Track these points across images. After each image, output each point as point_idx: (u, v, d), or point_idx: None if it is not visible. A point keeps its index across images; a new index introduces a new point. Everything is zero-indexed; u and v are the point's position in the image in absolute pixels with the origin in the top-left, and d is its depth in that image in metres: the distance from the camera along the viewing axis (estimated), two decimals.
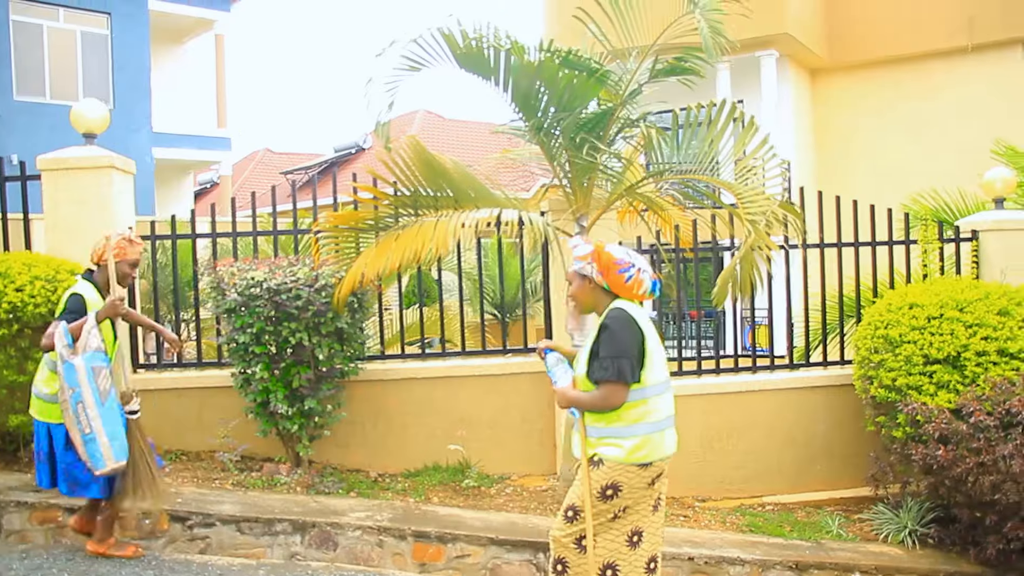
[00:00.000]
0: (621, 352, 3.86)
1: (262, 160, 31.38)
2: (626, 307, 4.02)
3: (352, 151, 26.38)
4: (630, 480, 3.92)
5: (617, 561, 4.03)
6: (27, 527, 5.59)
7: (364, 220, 6.20)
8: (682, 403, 7.27)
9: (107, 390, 4.76)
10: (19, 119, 18.54)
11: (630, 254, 4.16)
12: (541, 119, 5.98)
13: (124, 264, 5.07)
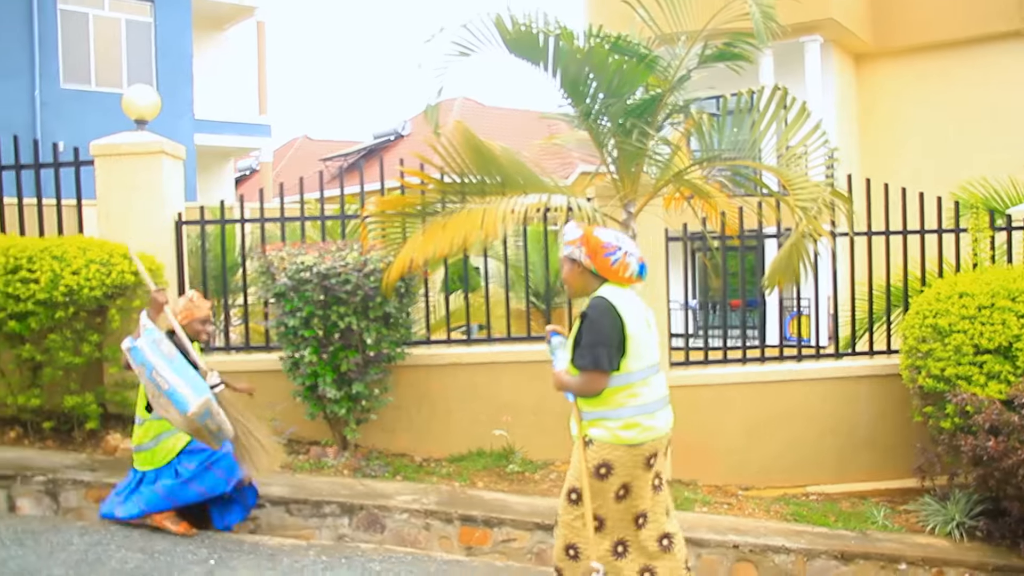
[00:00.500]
0: (598, 341, 3.92)
1: (301, 147, 31.59)
2: (608, 294, 4.05)
3: (391, 138, 26.46)
4: (621, 458, 3.97)
5: (627, 538, 4.12)
6: (83, 504, 5.71)
7: (411, 205, 6.23)
8: (726, 392, 7.37)
9: (173, 354, 4.99)
10: (66, 106, 18.82)
11: (619, 237, 4.21)
12: (589, 105, 5.98)
13: (195, 323, 5.37)
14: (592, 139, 6.30)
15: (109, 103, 18.49)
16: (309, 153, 29.77)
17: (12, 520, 5.24)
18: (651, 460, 4.06)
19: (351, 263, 6.18)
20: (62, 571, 4.44)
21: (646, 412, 4.03)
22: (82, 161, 7.38)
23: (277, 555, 4.85)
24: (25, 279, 6.04)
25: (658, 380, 4.16)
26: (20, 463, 5.94)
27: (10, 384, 6.46)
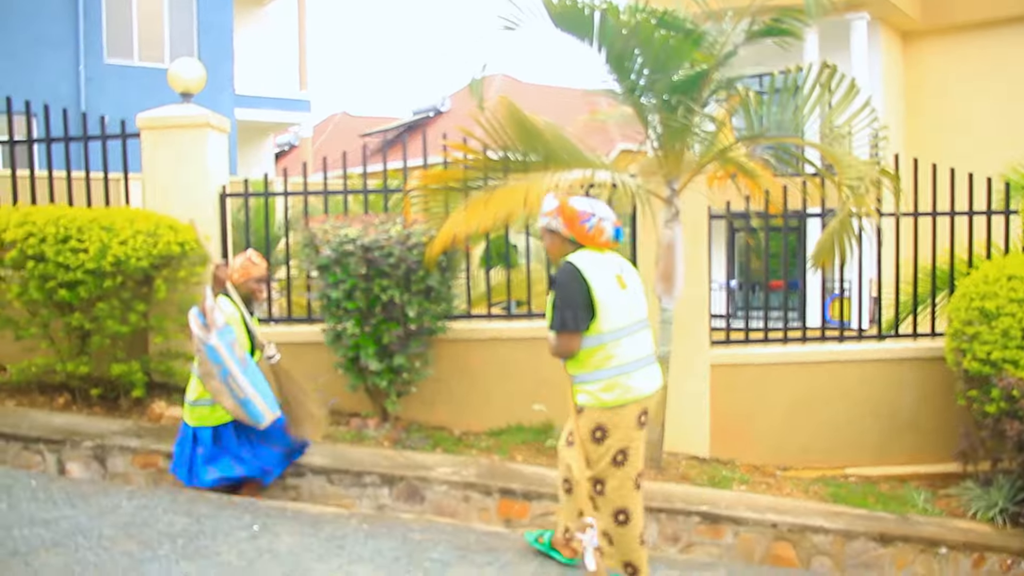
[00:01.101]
0: (565, 303, 4.07)
1: (340, 123, 31.67)
2: (575, 259, 4.17)
3: (430, 114, 26.45)
4: (612, 420, 4.10)
5: (628, 506, 4.21)
6: (130, 470, 5.83)
7: (454, 180, 6.24)
8: (766, 371, 7.34)
9: (244, 358, 5.17)
10: (109, 81, 19.03)
11: (592, 204, 4.33)
12: (634, 80, 5.93)
13: (251, 281, 5.45)
14: (636, 115, 6.26)
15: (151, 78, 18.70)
16: (348, 129, 29.84)
17: (63, 482, 5.36)
18: (641, 418, 4.18)
19: (394, 236, 6.21)
20: (112, 531, 4.54)
21: (624, 372, 4.13)
22: (129, 134, 7.48)
23: (319, 522, 4.92)
24: (75, 249, 6.14)
25: (636, 340, 4.23)
26: (69, 428, 6.07)
27: (60, 351, 6.59)
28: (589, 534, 4.02)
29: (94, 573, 4.03)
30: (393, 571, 4.34)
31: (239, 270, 5.44)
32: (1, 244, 6.21)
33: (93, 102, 18.00)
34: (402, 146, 7.59)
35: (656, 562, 4.92)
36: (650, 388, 4.24)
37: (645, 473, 4.47)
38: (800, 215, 7.76)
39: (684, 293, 6.45)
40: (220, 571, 4.16)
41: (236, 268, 5.46)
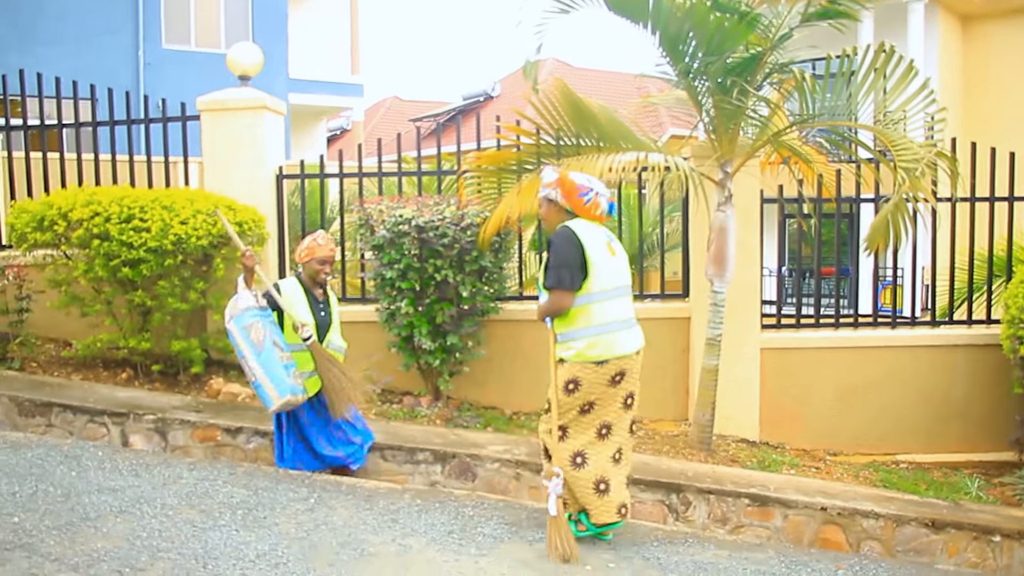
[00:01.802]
0: (561, 263, 4.36)
1: (391, 107, 31.84)
2: (573, 225, 4.47)
3: (480, 99, 26.48)
4: (588, 376, 4.39)
5: (586, 450, 4.52)
6: (190, 443, 6.00)
7: (507, 161, 6.29)
8: (817, 356, 7.32)
9: (260, 340, 5.23)
10: (167, 66, 19.36)
11: (590, 180, 4.63)
12: (688, 63, 5.93)
13: (314, 262, 5.51)
14: (689, 98, 6.27)
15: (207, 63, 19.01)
16: (399, 113, 30.00)
17: (127, 453, 5.53)
18: (616, 378, 4.45)
19: (448, 217, 6.29)
20: (174, 501, 4.69)
21: (608, 331, 4.42)
22: (188, 116, 7.66)
23: (373, 497, 5.02)
24: (137, 228, 6.31)
25: (620, 303, 4.53)
26: (132, 402, 6.25)
27: (122, 328, 6.78)
28: (554, 482, 4.40)
29: (159, 539, 4.17)
30: (446, 545, 4.43)
31: (304, 250, 5.54)
32: (68, 223, 6.39)
33: (151, 87, 18.32)
34: (456, 128, 7.65)
35: (705, 542, 4.96)
36: (630, 348, 4.52)
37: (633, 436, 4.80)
38: (854, 200, 7.69)
39: (735, 276, 6.46)
40: (278, 540, 4.28)
41: (303, 248, 5.57)
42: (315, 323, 5.45)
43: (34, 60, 8.96)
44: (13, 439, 5.53)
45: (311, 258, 5.49)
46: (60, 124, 7.99)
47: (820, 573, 4.67)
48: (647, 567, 4.47)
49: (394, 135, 8.16)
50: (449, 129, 22.09)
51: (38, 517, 4.31)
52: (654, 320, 7.23)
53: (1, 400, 6.18)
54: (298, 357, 5.37)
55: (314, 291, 5.57)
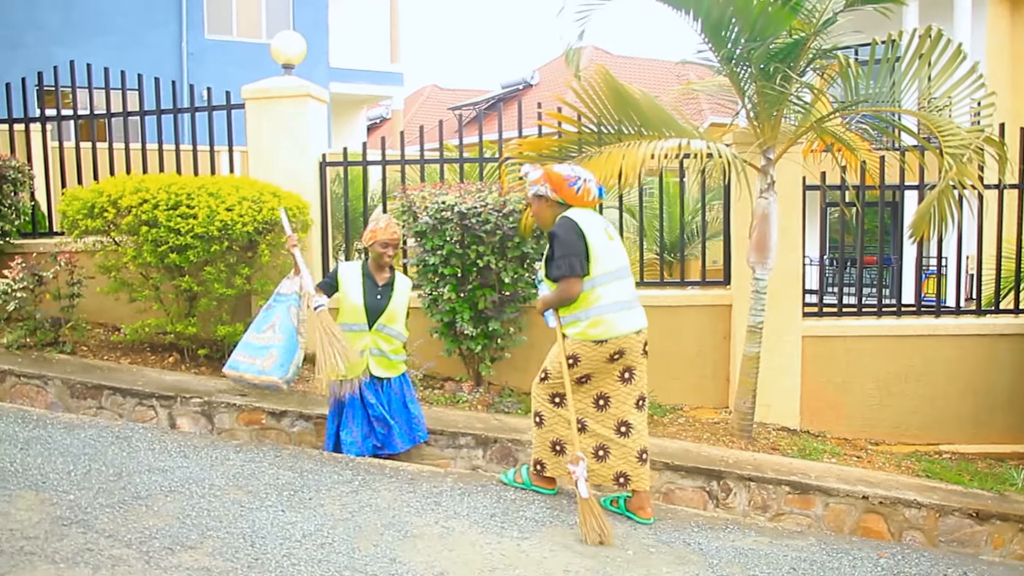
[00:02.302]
0: (568, 252, 4.53)
1: (430, 96, 31.92)
2: (572, 214, 4.66)
3: (520, 87, 26.50)
4: (587, 353, 4.62)
5: (585, 418, 4.78)
6: (235, 426, 6.10)
7: (549, 148, 6.31)
8: (859, 344, 7.28)
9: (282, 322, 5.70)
10: (209, 56, 19.61)
11: (574, 169, 4.84)
12: (731, 49, 5.91)
13: (377, 245, 5.57)
14: (732, 84, 6.24)
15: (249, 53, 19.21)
16: (438, 102, 30.07)
17: (175, 435, 5.64)
18: (615, 356, 4.65)
19: (491, 203, 6.32)
20: (222, 481, 4.78)
21: (610, 311, 4.61)
22: (233, 105, 7.76)
23: (416, 480, 5.09)
24: (184, 214, 6.41)
25: (622, 285, 4.72)
26: (179, 386, 6.37)
27: (169, 313, 6.90)
28: (580, 466, 4.54)
29: (207, 518, 4.26)
30: (488, 527, 4.48)
31: (368, 233, 5.60)
32: (118, 210, 6.52)
33: (194, 77, 18.60)
34: (498, 116, 7.68)
35: (746, 529, 4.97)
36: (631, 328, 4.68)
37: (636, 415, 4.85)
38: (897, 188, 7.61)
39: (777, 263, 6.43)
40: (324, 521, 4.36)
41: (366, 232, 5.63)
42: (365, 306, 5.51)
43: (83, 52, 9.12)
44: (66, 420, 5.67)
45: (373, 241, 5.55)
46: (109, 114, 8.15)
47: (862, 561, 4.66)
48: (688, 552, 4.49)
49: (433, 123, 8.22)
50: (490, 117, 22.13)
51: (92, 495, 4.42)
52: (695, 307, 7.25)
53: (54, 383, 6.33)
54: (349, 337, 5.49)
55: (377, 275, 5.62)
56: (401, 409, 5.66)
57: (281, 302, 5.72)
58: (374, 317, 5.54)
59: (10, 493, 4.35)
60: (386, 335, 5.58)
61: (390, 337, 5.61)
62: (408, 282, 5.80)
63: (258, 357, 5.66)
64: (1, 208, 7.67)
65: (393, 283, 5.65)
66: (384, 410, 5.57)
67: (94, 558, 3.73)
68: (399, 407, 5.66)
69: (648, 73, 23.96)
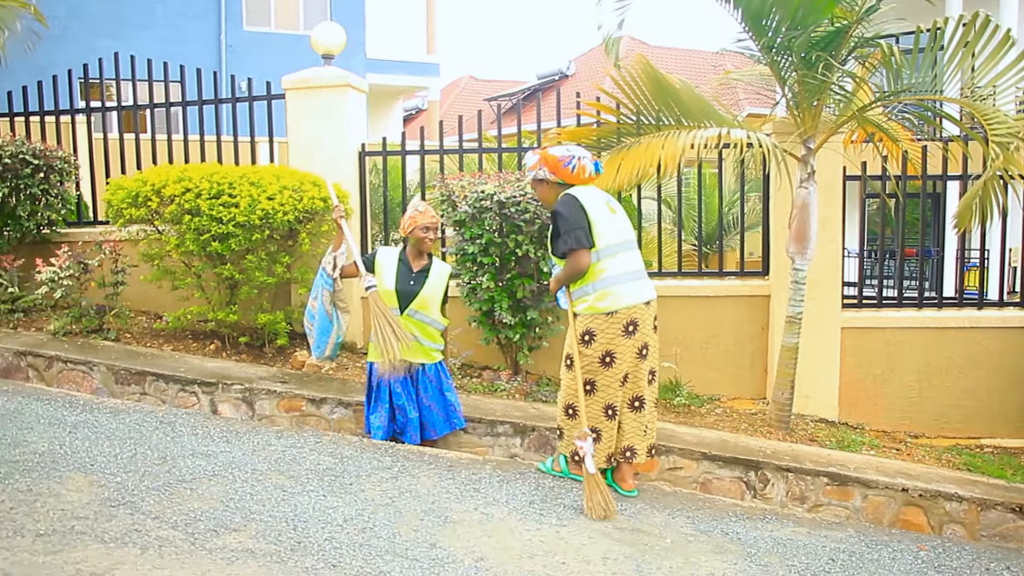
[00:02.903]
0: (572, 226, 4.67)
1: (466, 86, 31.94)
2: (572, 192, 4.82)
3: (555, 78, 26.42)
4: (600, 327, 4.74)
5: (614, 402, 4.88)
6: (276, 413, 6.17)
7: (587, 138, 6.31)
8: (899, 336, 7.23)
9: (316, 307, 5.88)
10: (247, 48, 19.80)
11: (568, 148, 4.98)
12: (772, 38, 5.87)
13: (417, 230, 5.63)
14: (772, 73, 6.20)
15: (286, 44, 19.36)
16: (474, 92, 30.07)
17: (217, 421, 5.73)
18: (629, 327, 4.77)
19: (530, 193, 6.32)
20: (264, 466, 4.85)
21: (617, 283, 4.74)
22: (273, 95, 7.84)
23: (456, 467, 5.13)
24: (227, 203, 6.49)
25: (628, 257, 4.85)
26: (220, 373, 6.46)
27: (211, 301, 7.00)
28: (588, 442, 4.67)
29: (251, 502, 4.33)
30: (527, 514, 4.51)
31: (408, 220, 5.65)
32: (161, 199, 6.61)
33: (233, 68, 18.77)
34: (536, 105, 7.68)
35: (784, 519, 4.96)
36: (640, 299, 4.81)
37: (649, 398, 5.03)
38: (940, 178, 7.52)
39: (817, 254, 6.39)
40: (364, 506, 4.41)
41: (405, 219, 5.67)
42: (396, 291, 5.57)
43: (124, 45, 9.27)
44: (112, 405, 5.77)
45: (414, 226, 5.60)
46: (152, 104, 8.26)
47: (902, 553, 4.64)
48: (727, 542, 4.50)
49: (469, 114, 8.25)
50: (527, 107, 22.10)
51: (138, 478, 4.51)
52: (733, 298, 7.23)
53: (99, 368, 6.45)
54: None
55: (413, 262, 5.67)
56: (438, 396, 5.70)
57: (323, 278, 5.84)
58: (405, 302, 5.59)
59: (60, 475, 4.44)
60: (418, 321, 5.61)
61: (422, 323, 5.64)
62: (447, 268, 5.83)
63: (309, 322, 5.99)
64: (48, 197, 7.81)
65: (429, 270, 5.69)
66: (407, 400, 5.62)
67: (142, 539, 3.81)
68: (435, 394, 5.69)
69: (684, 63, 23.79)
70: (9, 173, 7.42)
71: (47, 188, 7.79)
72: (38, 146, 7.74)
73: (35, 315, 7.45)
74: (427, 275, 5.66)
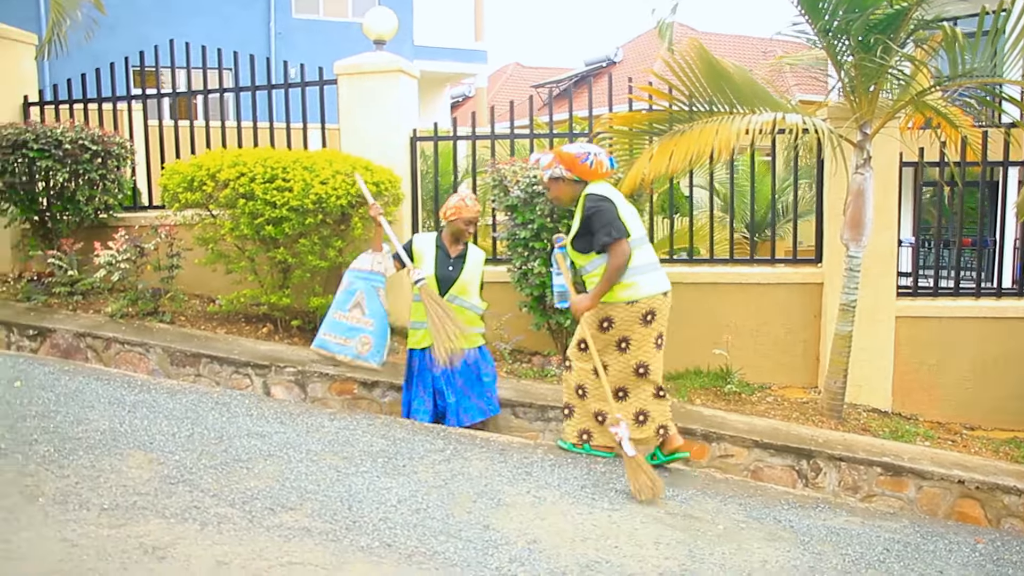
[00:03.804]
0: (609, 220, 4.76)
1: (512, 74, 31.87)
2: (597, 189, 4.90)
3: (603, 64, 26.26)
4: (620, 315, 4.86)
5: (626, 386, 5.00)
6: (328, 395, 6.25)
7: (639, 123, 6.27)
8: (955, 326, 7.11)
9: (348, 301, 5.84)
10: (296, 36, 19.94)
11: (582, 146, 5.02)
12: (829, 21, 5.79)
13: (460, 221, 5.67)
14: (828, 57, 6.11)
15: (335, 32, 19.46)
16: (521, 80, 30.00)
17: (270, 403, 5.80)
18: (647, 317, 4.87)
19: None
20: (318, 447, 4.91)
21: (639, 273, 4.84)
22: (325, 81, 7.89)
23: (507, 451, 5.14)
24: (280, 187, 6.55)
25: (645, 250, 4.97)
26: (273, 355, 6.54)
27: (263, 284, 7.08)
28: (622, 426, 4.71)
29: (306, 482, 4.39)
30: (579, 498, 4.51)
31: (451, 209, 5.68)
32: (216, 183, 6.70)
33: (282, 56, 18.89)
34: (588, 89, 7.63)
35: (837, 508, 4.91)
36: (658, 289, 4.91)
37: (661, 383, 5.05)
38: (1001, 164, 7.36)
39: (871, 241, 6.30)
40: (418, 487, 4.44)
41: (450, 206, 5.70)
42: (436, 277, 5.64)
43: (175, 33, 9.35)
44: (168, 386, 5.87)
45: (458, 217, 5.64)
46: (206, 90, 8.36)
47: (959, 546, 4.57)
48: (779, 529, 4.46)
49: (515, 101, 8.25)
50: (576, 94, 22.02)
51: (196, 456, 4.59)
52: (785, 285, 7.16)
53: (155, 350, 6.57)
54: (417, 306, 5.69)
55: (450, 247, 5.72)
56: (475, 381, 5.74)
57: (364, 279, 5.79)
58: (445, 287, 5.65)
59: (121, 452, 4.54)
60: (458, 306, 5.66)
61: (462, 308, 5.69)
62: (481, 254, 5.88)
63: (351, 339, 5.78)
64: (105, 183, 7.96)
65: (465, 255, 5.74)
66: (445, 384, 5.67)
67: (201, 515, 3.88)
68: (473, 379, 5.73)
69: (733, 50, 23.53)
70: (69, 158, 7.56)
71: (105, 173, 7.93)
72: (96, 132, 7.89)
73: (93, 297, 7.60)
74: (464, 260, 5.72)
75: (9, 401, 5.15)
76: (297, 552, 3.62)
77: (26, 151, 7.41)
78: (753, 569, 3.94)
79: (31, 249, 8.02)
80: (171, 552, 3.52)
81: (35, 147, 7.42)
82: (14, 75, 8.65)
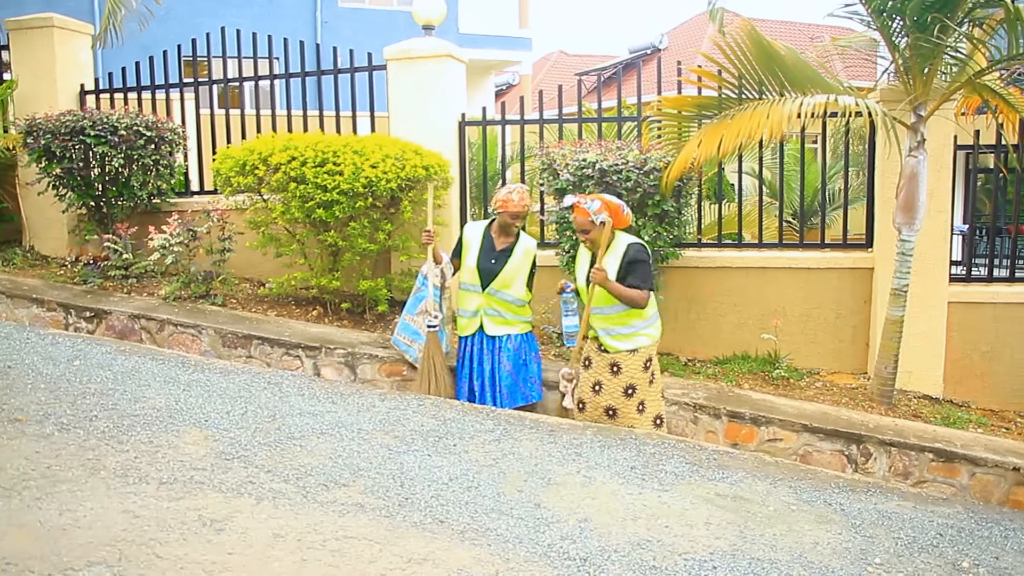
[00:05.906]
0: (649, 272, 5.27)
1: (557, 61, 31.75)
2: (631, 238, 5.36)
3: (647, 51, 26.06)
4: (651, 350, 5.42)
5: (661, 413, 5.48)
6: (377, 377, 6.32)
7: (689, 106, 6.24)
8: (1010, 311, 7.00)
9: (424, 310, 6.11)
10: (342, 24, 20.06)
11: (615, 199, 5.36)
12: (883, 1, 5.71)
13: (506, 215, 5.76)
14: (882, 38, 6.04)
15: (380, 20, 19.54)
16: (565, 67, 29.86)
17: (321, 383, 5.88)
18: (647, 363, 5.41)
19: (632, 161, 6.30)
20: (369, 426, 4.97)
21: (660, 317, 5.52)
22: (374, 66, 7.95)
23: (556, 432, 5.17)
24: (331, 171, 6.60)
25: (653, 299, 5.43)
26: (323, 337, 6.62)
27: (313, 267, 7.17)
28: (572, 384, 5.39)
29: (358, 459, 4.45)
30: (629, 479, 4.52)
31: (499, 201, 5.77)
32: (268, 167, 6.78)
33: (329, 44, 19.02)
34: (637, 74, 7.59)
35: (888, 492, 4.86)
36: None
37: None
38: None
39: (924, 226, 6.22)
40: (469, 466, 4.48)
41: (499, 198, 5.78)
42: (478, 269, 5.77)
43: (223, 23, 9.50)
44: (221, 366, 5.98)
45: (504, 211, 5.74)
46: (256, 77, 8.47)
47: (1015, 532, 4.50)
48: (830, 512, 4.44)
49: (559, 89, 8.24)
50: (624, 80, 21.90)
51: (250, 434, 4.67)
52: (835, 270, 7.09)
53: (207, 332, 6.69)
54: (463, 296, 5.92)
55: (498, 239, 5.80)
56: (518, 366, 5.83)
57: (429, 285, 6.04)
58: (487, 280, 5.76)
59: (178, 428, 4.63)
60: (500, 299, 5.77)
61: (504, 301, 5.79)
62: (532, 244, 5.94)
63: (416, 342, 6.14)
64: (159, 168, 8.10)
65: (513, 248, 5.80)
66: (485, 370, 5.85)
67: (256, 490, 3.95)
68: (515, 364, 5.82)
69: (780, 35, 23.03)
70: (124, 144, 7.71)
71: (158, 159, 8.07)
72: (150, 118, 8.02)
73: (146, 280, 7.75)
74: (510, 254, 5.79)
75: (69, 379, 5.28)
76: (352, 526, 3.68)
77: (83, 137, 7.57)
78: (804, 550, 3.93)
79: (87, 233, 8.21)
80: (228, 524, 3.59)
81: (92, 133, 7.58)
82: (72, 64, 8.83)
